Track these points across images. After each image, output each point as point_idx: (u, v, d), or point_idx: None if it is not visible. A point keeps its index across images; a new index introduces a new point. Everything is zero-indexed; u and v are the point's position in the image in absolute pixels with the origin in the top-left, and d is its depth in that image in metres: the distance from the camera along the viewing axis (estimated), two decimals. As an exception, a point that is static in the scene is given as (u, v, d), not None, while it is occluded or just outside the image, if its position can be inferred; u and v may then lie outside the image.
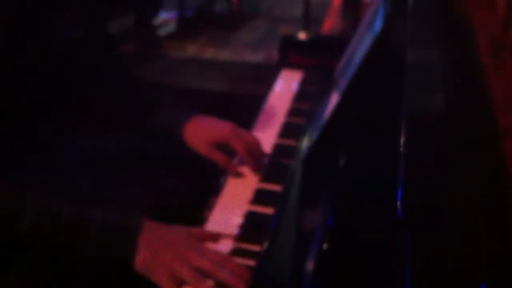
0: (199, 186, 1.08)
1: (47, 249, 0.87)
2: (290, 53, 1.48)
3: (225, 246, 0.88)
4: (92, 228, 0.84)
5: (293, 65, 1.46)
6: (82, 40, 1.04)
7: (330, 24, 1.85)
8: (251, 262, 0.85)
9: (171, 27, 3.69)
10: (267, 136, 1.15)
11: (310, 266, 0.75)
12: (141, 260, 0.83)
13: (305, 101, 1.30)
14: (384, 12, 0.90)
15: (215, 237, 0.90)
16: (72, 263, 0.93)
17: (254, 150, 1.06)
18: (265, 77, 1.49)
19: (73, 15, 1.02)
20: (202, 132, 1.06)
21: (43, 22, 0.95)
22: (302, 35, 1.53)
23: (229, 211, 0.96)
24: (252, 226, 0.92)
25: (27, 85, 0.92)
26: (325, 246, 0.74)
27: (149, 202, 1.03)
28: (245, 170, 1.06)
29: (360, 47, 0.97)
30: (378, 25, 0.89)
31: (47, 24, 0.95)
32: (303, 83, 1.39)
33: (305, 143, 1.11)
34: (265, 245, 0.88)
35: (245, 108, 1.29)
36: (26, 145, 0.93)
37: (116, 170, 1.07)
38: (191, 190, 1.09)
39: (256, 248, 0.88)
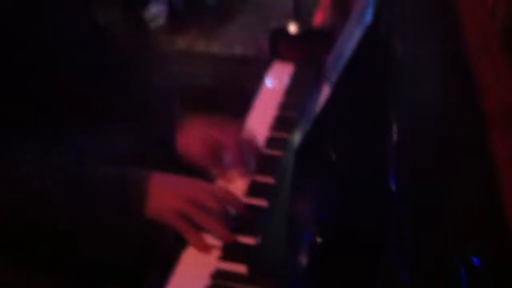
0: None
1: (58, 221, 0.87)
2: (281, 46, 1.48)
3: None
4: (100, 183, 0.88)
5: (284, 58, 1.46)
6: (83, 40, 1.03)
7: (321, 17, 1.85)
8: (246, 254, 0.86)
9: (160, 20, 3.67)
10: (259, 129, 1.16)
11: (302, 258, 0.75)
12: (151, 206, 0.87)
13: (296, 94, 1.30)
14: (374, 3, 0.90)
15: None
16: (72, 262, 0.93)
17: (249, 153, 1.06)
18: (255, 70, 1.49)
19: (73, 14, 1.02)
20: (194, 139, 1.05)
21: (42, 22, 0.94)
22: (292, 28, 1.53)
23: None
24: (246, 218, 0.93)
25: (27, 85, 0.92)
26: (317, 238, 0.74)
27: None
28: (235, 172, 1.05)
29: (350, 39, 0.97)
30: (368, 16, 0.89)
31: (47, 24, 0.95)
32: (294, 76, 1.39)
33: (297, 136, 1.11)
34: (258, 237, 0.89)
35: (236, 100, 1.29)
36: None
37: None
38: None
39: (250, 240, 0.89)
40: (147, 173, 0.90)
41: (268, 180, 1.03)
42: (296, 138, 1.10)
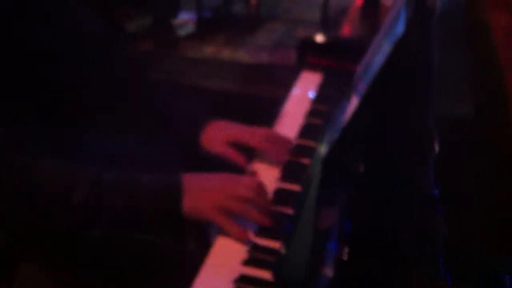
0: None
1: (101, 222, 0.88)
2: (309, 55, 1.48)
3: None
4: (142, 190, 0.89)
5: (311, 67, 1.46)
6: (83, 40, 1.04)
7: (349, 27, 1.85)
8: (270, 259, 0.86)
9: (189, 28, 3.71)
10: (286, 137, 1.16)
11: (327, 268, 0.75)
12: (188, 204, 0.89)
13: (324, 103, 1.30)
14: (406, 15, 0.90)
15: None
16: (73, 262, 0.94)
17: (272, 141, 1.08)
18: (282, 79, 1.50)
19: (73, 14, 1.03)
20: (216, 134, 1.07)
21: (42, 22, 0.95)
22: (320, 38, 1.53)
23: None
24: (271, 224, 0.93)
25: (27, 85, 0.92)
26: (344, 249, 0.74)
27: None
28: (263, 167, 1.06)
29: (380, 51, 0.97)
30: (399, 28, 0.89)
31: (46, 24, 0.96)
32: (322, 86, 1.39)
33: (324, 145, 1.11)
34: (283, 245, 0.89)
35: (262, 109, 1.29)
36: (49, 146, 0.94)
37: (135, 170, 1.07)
38: None
39: (275, 245, 0.90)
40: (178, 176, 0.92)
41: (293, 187, 1.04)
42: (324, 148, 1.10)
